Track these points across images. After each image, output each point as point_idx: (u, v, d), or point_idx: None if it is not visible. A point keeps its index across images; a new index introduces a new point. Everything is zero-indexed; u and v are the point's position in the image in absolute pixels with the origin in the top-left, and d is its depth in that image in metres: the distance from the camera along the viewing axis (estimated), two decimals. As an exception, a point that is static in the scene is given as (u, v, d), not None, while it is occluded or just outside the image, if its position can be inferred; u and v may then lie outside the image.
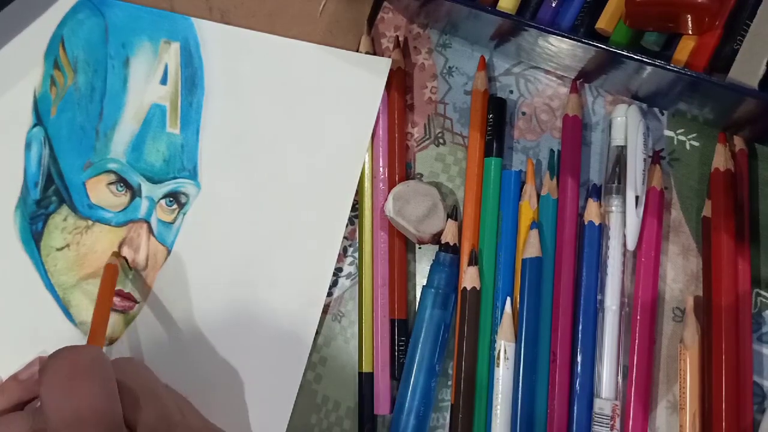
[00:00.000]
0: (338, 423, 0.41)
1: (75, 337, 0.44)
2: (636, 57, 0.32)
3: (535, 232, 0.38)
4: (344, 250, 0.42)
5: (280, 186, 0.43)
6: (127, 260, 0.44)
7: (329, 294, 0.42)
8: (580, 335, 0.37)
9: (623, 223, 0.37)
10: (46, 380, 0.32)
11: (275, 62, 0.43)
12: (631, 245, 0.37)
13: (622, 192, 0.37)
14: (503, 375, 0.37)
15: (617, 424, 0.36)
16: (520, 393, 0.37)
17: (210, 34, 0.44)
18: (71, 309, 0.44)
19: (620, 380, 0.37)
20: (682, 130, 0.39)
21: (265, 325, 0.42)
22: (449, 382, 0.40)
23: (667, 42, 0.35)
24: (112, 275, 0.42)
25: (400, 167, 0.42)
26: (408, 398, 0.38)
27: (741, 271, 0.36)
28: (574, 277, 0.38)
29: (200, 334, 0.42)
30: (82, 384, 0.32)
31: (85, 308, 0.44)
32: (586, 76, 0.39)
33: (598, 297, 0.37)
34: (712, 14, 0.32)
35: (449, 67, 0.42)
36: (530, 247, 0.38)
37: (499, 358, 0.37)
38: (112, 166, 0.45)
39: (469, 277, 0.39)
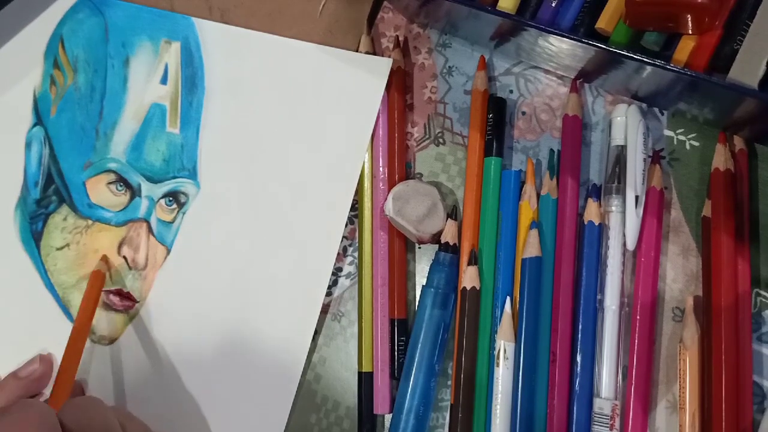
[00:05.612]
0: (338, 422, 0.41)
1: (75, 337, 0.44)
2: (636, 57, 0.32)
3: (534, 232, 0.38)
4: (344, 249, 0.42)
5: (279, 185, 0.43)
6: (126, 260, 0.44)
7: (329, 293, 0.42)
8: (579, 335, 0.37)
9: (623, 223, 0.37)
10: None
11: (275, 62, 0.43)
12: (630, 245, 0.37)
13: (621, 192, 0.37)
14: (503, 375, 0.37)
15: (617, 424, 0.36)
16: (519, 393, 0.37)
17: (211, 34, 0.44)
18: (71, 309, 0.44)
19: (620, 380, 0.37)
20: (682, 130, 0.39)
21: (264, 324, 0.42)
22: (449, 382, 0.40)
23: (667, 42, 0.34)
24: (99, 282, 0.42)
25: (399, 167, 0.42)
26: (407, 398, 0.38)
27: (741, 271, 0.36)
28: (574, 277, 0.38)
29: (199, 333, 0.42)
30: None
31: (84, 308, 0.44)
32: (586, 75, 0.39)
33: (598, 297, 0.37)
34: (712, 14, 0.32)
35: (449, 66, 0.42)
36: (530, 246, 0.38)
37: (498, 357, 0.37)
38: (111, 165, 0.45)
39: (469, 277, 0.38)
